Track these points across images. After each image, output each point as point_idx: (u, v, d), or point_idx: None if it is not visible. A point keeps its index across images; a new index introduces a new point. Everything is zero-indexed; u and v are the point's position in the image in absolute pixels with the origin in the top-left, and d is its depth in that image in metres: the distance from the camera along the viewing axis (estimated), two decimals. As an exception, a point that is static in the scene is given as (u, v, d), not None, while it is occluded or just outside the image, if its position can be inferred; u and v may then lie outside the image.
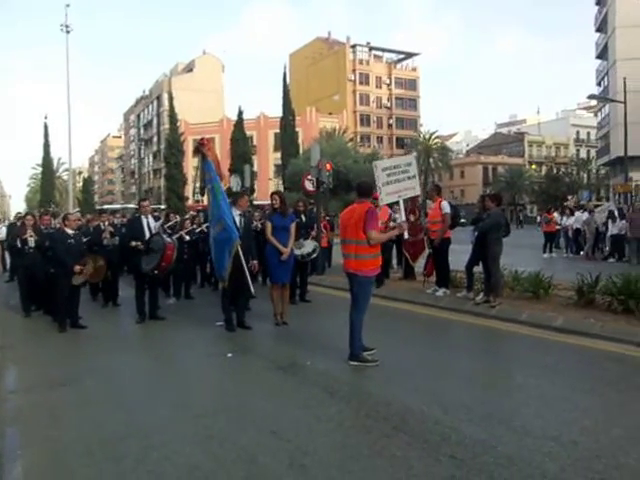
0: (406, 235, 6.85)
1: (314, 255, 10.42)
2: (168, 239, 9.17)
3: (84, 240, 9.43)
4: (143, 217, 9.24)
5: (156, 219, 9.76)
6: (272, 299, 8.53)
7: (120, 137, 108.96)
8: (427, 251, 11.09)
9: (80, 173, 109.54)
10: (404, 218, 7.05)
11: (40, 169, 73.50)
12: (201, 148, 8.52)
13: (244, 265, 7.78)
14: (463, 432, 4.17)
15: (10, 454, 4.12)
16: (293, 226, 8.59)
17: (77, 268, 8.43)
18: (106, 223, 10.81)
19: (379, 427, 4.35)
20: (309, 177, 15.90)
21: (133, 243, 8.90)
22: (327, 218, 16.07)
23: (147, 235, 9.03)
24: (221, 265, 7.99)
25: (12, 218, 28.25)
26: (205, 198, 9.03)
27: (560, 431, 4.16)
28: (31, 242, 9.70)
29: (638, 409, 4.75)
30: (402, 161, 7.43)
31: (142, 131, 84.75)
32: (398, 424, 4.38)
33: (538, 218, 28.52)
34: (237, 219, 8.08)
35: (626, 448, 3.86)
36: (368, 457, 3.82)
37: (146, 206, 9.47)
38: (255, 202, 30.83)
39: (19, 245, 9.79)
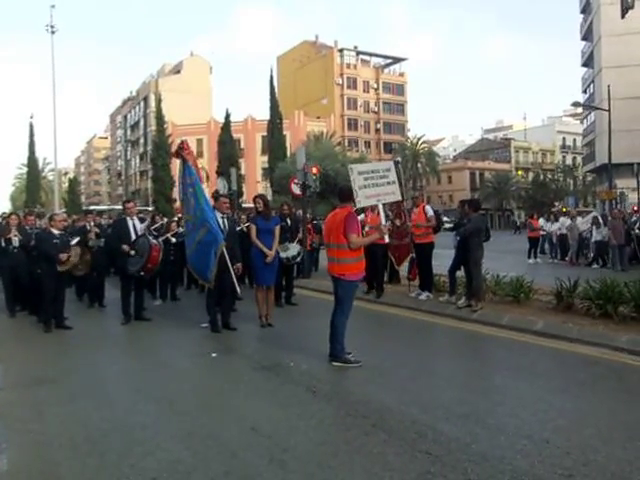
0: (387, 239, 6.94)
1: (298, 258, 10.50)
2: (154, 240, 9.21)
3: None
4: (129, 219, 9.26)
5: (141, 221, 9.76)
6: (257, 301, 8.61)
7: (106, 138, 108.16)
8: (411, 255, 11.21)
9: (66, 174, 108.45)
10: (384, 222, 7.17)
11: (25, 169, 72.89)
12: (181, 152, 8.56)
13: (230, 267, 7.87)
14: (439, 430, 4.28)
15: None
16: (277, 229, 8.67)
17: (63, 256, 8.43)
18: (92, 223, 10.81)
19: (358, 425, 4.45)
20: (296, 181, 15.97)
21: (124, 247, 8.90)
22: (314, 222, 16.12)
23: (133, 237, 9.06)
24: (206, 267, 8.05)
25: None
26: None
27: (533, 430, 4.28)
28: (15, 242, 9.67)
29: (610, 410, 4.88)
30: (380, 166, 7.51)
31: (129, 132, 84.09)
32: (377, 422, 4.48)
33: (529, 223, 28.86)
34: (220, 221, 8.17)
35: (596, 446, 3.99)
36: (346, 453, 3.92)
37: (131, 207, 9.45)
38: (244, 205, 30.75)
39: (3, 245, 9.72)
